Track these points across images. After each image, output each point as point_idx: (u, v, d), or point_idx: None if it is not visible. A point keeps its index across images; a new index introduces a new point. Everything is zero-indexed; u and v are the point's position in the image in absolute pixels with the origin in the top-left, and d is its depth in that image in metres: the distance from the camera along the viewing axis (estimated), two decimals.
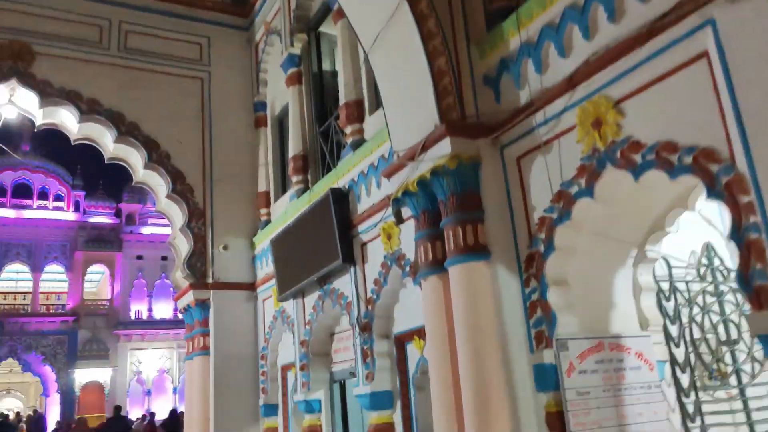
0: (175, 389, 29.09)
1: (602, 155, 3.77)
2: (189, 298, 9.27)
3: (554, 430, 4.01)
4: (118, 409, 15.40)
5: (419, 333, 5.66)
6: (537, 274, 4.21)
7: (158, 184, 9.47)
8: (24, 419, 23.19)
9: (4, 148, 13.97)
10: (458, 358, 4.36)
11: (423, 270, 4.81)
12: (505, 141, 4.60)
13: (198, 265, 9.16)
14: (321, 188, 7.49)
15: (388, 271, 6.06)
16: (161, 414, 25.40)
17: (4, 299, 28.39)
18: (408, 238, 5.54)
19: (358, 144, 6.82)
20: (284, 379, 8.83)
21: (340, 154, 7.41)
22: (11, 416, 22.81)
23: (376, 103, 6.48)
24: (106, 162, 9.69)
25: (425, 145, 4.65)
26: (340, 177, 7.11)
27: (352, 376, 6.94)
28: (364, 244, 6.65)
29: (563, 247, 4.13)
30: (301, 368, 7.68)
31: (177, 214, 9.40)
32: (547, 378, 4.08)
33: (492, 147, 4.65)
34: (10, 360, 27.80)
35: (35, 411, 27.43)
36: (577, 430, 3.88)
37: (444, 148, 4.51)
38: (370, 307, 6.29)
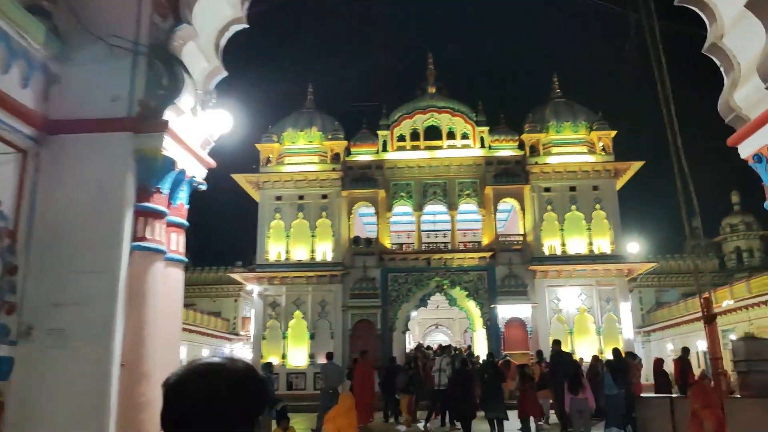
0: (598, 330, 26.37)
1: None
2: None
3: None
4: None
5: None
6: None
7: None
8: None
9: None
10: None
11: None
12: None
13: None
14: None
15: None
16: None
17: (428, 237, 29.87)
18: None
19: None
20: None
21: None
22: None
23: None
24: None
25: None
26: None
27: None
28: None
29: None
30: None
31: None
32: None
33: None
34: (437, 296, 29.21)
35: (469, 347, 28.27)
36: None
37: None
38: None
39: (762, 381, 13.79)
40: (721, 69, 4.78)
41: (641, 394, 13.87)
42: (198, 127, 5.02)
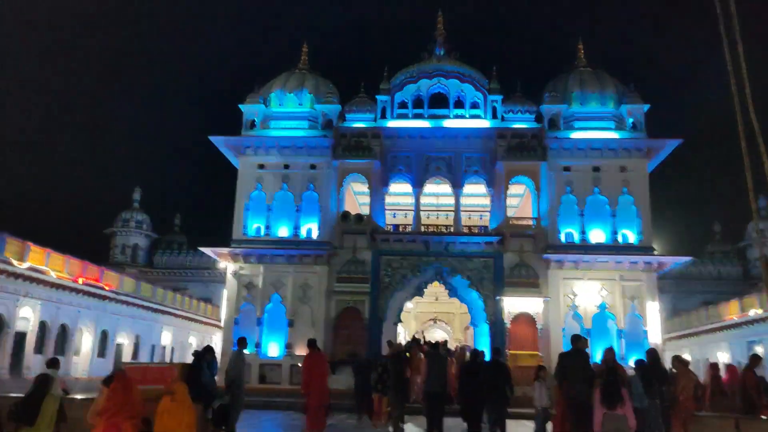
0: (620, 332, 22.76)
1: None
2: None
3: None
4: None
5: None
6: None
7: None
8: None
9: None
10: None
11: None
12: None
13: None
14: None
15: None
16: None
17: (428, 217, 26.39)
18: None
19: None
20: None
21: None
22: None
23: None
24: None
25: None
26: None
27: None
28: None
29: None
30: None
31: None
32: None
33: None
34: (435, 285, 25.78)
35: (466, 346, 24.73)
36: None
37: None
38: None
39: None
40: None
41: (695, 412, 10.37)
42: None
